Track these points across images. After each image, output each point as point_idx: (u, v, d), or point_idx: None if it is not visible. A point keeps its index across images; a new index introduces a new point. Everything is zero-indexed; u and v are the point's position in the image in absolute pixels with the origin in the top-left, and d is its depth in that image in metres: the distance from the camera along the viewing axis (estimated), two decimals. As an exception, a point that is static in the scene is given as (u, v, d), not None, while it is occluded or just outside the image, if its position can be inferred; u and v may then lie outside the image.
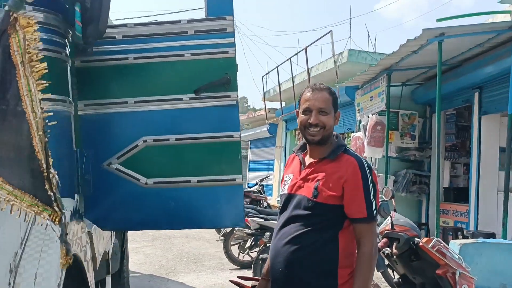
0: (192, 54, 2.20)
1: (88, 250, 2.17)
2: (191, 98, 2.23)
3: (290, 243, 2.07)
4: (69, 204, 1.65)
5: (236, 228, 7.64)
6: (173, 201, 2.27)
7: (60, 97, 1.96)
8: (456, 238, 7.77)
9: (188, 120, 2.25)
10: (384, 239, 3.75)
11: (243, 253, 7.56)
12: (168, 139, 2.24)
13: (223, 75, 2.14)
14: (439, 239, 3.79)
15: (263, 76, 14.11)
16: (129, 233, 11.04)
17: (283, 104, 13.40)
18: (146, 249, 9.37)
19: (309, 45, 10.77)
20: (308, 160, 2.17)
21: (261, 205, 10.63)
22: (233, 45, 2.19)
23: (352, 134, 9.62)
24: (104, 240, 2.91)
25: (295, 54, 11.63)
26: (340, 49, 9.86)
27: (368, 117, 8.41)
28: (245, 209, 8.75)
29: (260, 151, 16.00)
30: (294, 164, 2.25)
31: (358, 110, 9.02)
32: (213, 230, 10.98)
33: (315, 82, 2.28)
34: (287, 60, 11.92)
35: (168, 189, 2.27)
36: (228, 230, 8.04)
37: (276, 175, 14.36)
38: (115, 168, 2.23)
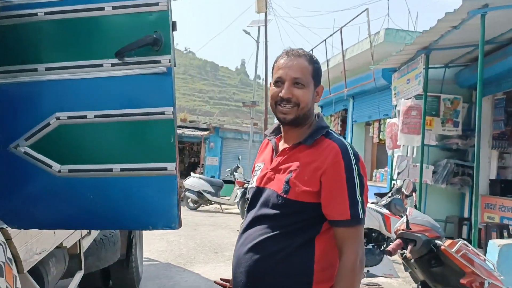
0: (114, 8, 1.75)
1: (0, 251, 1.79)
2: (112, 64, 1.79)
3: (253, 250, 1.70)
4: None
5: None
6: (91, 194, 1.85)
7: None
8: (501, 236, 7.02)
9: (110, 92, 1.81)
10: (397, 241, 3.18)
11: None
12: (85, 116, 1.81)
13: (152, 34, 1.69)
14: (465, 242, 3.18)
15: (298, 60, 13.49)
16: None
17: (319, 88, 12.77)
18: (170, 236, 9.18)
19: (344, 25, 10.11)
20: (282, 145, 1.79)
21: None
22: None
23: (388, 120, 8.91)
24: (58, 236, 2.54)
25: (330, 36, 11.06)
26: (378, 29, 9.12)
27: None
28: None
29: (296, 138, 15.34)
30: (266, 150, 1.87)
31: (395, 94, 8.30)
32: (241, 218, 10.69)
33: (294, 48, 1.78)
34: (322, 42, 11.32)
35: (85, 179, 1.86)
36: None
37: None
38: (23, 151, 1.83)
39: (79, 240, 3.07)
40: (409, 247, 3.13)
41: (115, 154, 1.84)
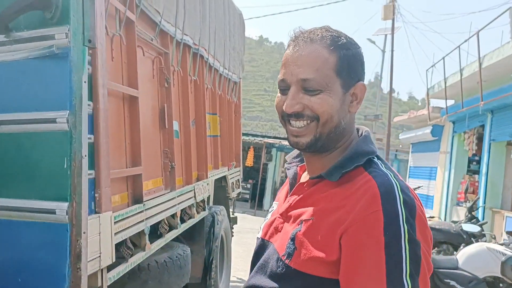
0: None
1: None
2: None
3: None
4: None
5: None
6: None
7: None
8: None
9: None
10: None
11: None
12: None
13: None
14: None
15: (427, 70, 12.21)
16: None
17: (451, 102, 11.35)
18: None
19: (481, 29, 8.76)
20: (305, 178, 1.20)
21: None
22: None
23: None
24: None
25: (465, 41, 9.71)
26: (524, 31, 7.64)
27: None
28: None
29: (422, 156, 13.87)
30: (287, 185, 1.30)
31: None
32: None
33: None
34: (455, 48, 9.98)
35: None
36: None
37: (439, 184, 12.27)
38: None
39: (101, 270, 2.68)
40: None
41: None
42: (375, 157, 1.11)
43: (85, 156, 1.21)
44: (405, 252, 0.95)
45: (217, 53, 5.03)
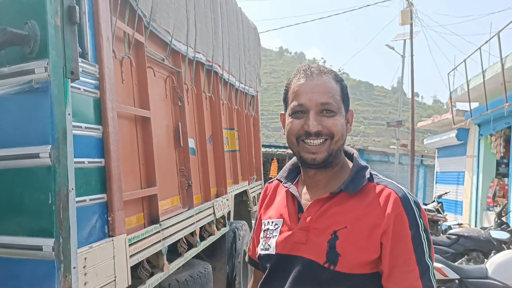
0: None
1: None
2: None
3: None
4: None
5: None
6: None
7: None
8: None
9: None
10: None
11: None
12: None
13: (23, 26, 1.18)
14: None
15: (449, 73, 11.98)
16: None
17: (475, 104, 11.11)
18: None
19: (502, 29, 8.57)
20: (305, 195, 1.39)
21: (439, 227, 8.79)
22: None
23: None
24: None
25: (486, 42, 9.47)
26: (547, 29, 7.43)
27: None
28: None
29: (449, 160, 13.58)
30: (279, 201, 1.45)
31: None
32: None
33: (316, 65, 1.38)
34: (476, 50, 9.77)
35: None
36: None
37: (467, 189, 11.97)
38: None
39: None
40: None
41: None
42: (371, 170, 1.35)
43: (72, 189, 1.21)
44: (423, 239, 1.23)
45: (232, 68, 5.04)
